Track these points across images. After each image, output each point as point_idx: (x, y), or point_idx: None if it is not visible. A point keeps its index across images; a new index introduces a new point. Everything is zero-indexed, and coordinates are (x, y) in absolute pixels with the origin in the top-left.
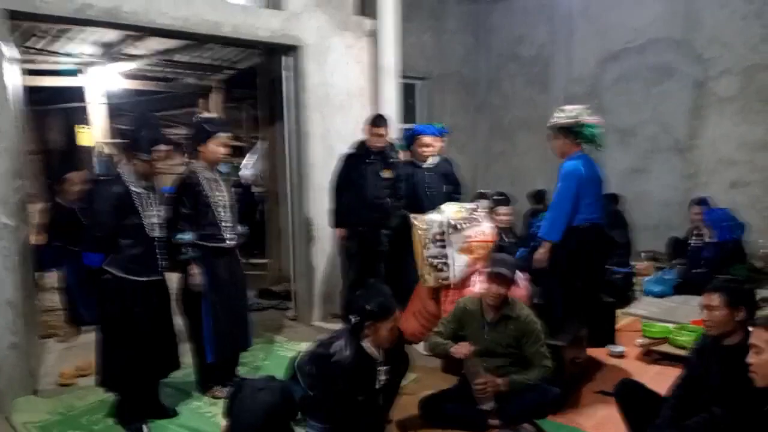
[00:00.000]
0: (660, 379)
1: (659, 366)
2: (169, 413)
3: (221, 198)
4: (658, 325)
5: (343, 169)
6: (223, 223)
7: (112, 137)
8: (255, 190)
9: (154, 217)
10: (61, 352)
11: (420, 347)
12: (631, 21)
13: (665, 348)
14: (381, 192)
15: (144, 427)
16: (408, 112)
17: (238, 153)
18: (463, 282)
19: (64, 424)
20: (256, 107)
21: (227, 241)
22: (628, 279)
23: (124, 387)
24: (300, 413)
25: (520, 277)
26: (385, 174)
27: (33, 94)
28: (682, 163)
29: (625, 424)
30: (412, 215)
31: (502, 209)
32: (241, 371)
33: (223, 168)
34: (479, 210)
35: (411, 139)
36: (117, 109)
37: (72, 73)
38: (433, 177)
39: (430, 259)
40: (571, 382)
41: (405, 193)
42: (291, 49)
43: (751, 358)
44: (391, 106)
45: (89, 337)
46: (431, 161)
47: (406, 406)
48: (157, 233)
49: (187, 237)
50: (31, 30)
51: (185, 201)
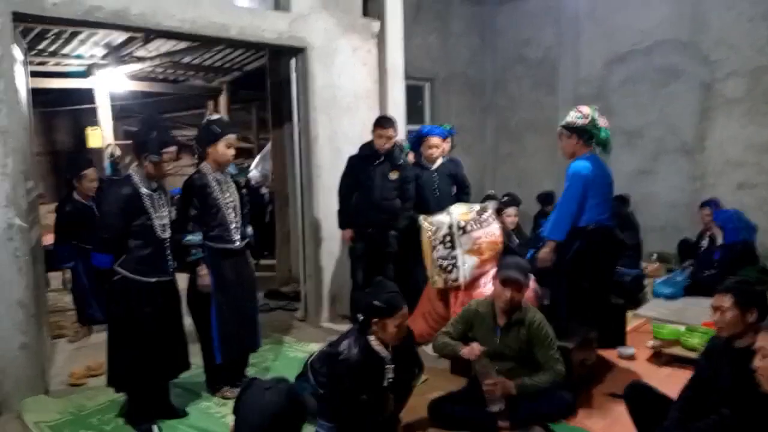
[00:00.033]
0: (670, 382)
1: (669, 368)
2: (179, 413)
3: (230, 199)
4: (668, 326)
5: (350, 170)
6: (231, 225)
7: (120, 138)
8: (263, 191)
9: (164, 218)
10: (71, 353)
11: (429, 348)
12: (638, 23)
13: (676, 350)
14: (389, 193)
15: (154, 427)
16: (416, 113)
17: (247, 155)
18: (472, 283)
19: (75, 424)
20: (264, 109)
21: (236, 243)
22: (638, 281)
23: (133, 387)
24: (310, 415)
25: (532, 279)
26: (393, 175)
27: (42, 96)
28: (689, 165)
29: (634, 427)
30: (420, 216)
31: (510, 210)
32: (250, 372)
33: (231, 169)
34: (487, 211)
35: (418, 140)
36: (125, 110)
37: (81, 74)
38: (440, 178)
39: (438, 260)
40: (580, 384)
41: (412, 195)
42: (298, 51)
43: (757, 362)
44: (397, 108)
45: (100, 338)
46: (438, 162)
47: (414, 408)
48: (167, 234)
49: (195, 238)
50: (40, 32)
51: (194, 202)
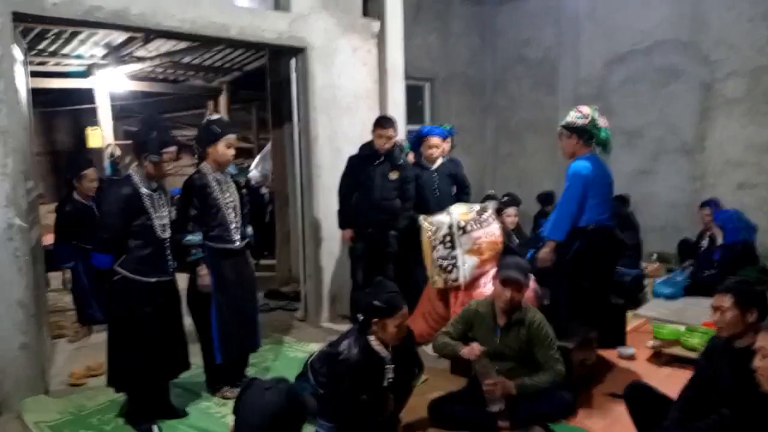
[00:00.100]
0: (670, 382)
1: (669, 368)
2: (179, 414)
3: (230, 199)
4: (668, 326)
5: (350, 170)
6: (231, 225)
7: (120, 138)
8: (264, 191)
9: (164, 218)
10: (71, 353)
11: (429, 348)
12: (638, 23)
13: (676, 350)
14: (389, 193)
15: (154, 427)
16: (416, 113)
17: (247, 155)
18: (472, 283)
19: (75, 424)
20: (264, 109)
21: (236, 243)
22: (639, 280)
23: (133, 387)
24: (310, 415)
25: (532, 279)
26: (393, 175)
27: (42, 96)
28: (689, 165)
29: (634, 427)
30: (420, 216)
31: (510, 210)
32: (250, 372)
33: (232, 169)
34: (487, 211)
35: (418, 140)
36: (125, 110)
37: (81, 74)
38: (440, 178)
39: (438, 260)
40: (580, 383)
41: (412, 195)
42: (298, 51)
43: (757, 362)
44: (397, 108)
45: (100, 338)
46: (438, 162)
47: (414, 408)
48: (167, 234)
49: (195, 238)
50: (40, 32)
51: (194, 202)
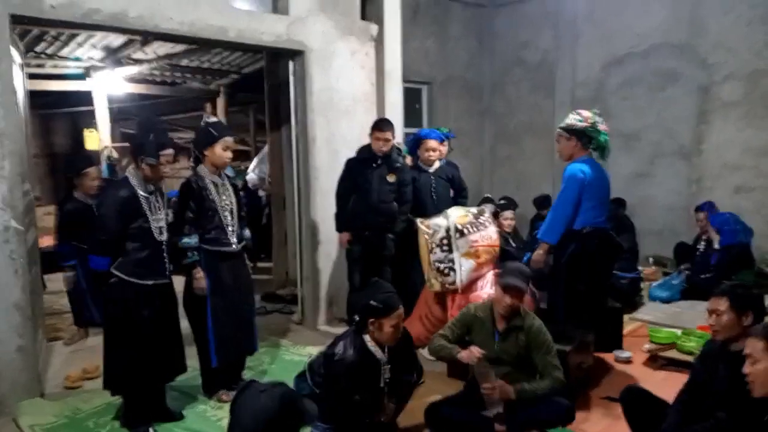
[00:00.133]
0: (666, 385)
1: (666, 372)
2: (175, 416)
3: (227, 202)
4: (664, 330)
5: (348, 173)
6: (228, 227)
7: (117, 141)
8: (261, 194)
9: (161, 220)
10: (67, 355)
11: (425, 352)
12: (636, 26)
13: (672, 354)
14: (386, 196)
15: (150, 430)
16: (414, 117)
17: (244, 157)
18: (469, 286)
19: (70, 427)
20: (262, 111)
21: (233, 245)
22: (635, 284)
23: (129, 390)
24: (308, 418)
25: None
26: (390, 178)
27: (40, 98)
28: (686, 168)
29: (630, 431)
30: (418, 219)
31: (507, 214)
32: (247, 375)
33: (229, 172)
34: (484, 214)
35: (416, 143)
36: (122, 113)
37: (79, 77)
38: (437, 181)
39: (436, 263)
40: (577, 387)
41: (410, 198)
42: (296, 54)
43: (747, 368)
44: (395, 111)
45: (96, 340)
46: (436, 165)
47: (411, 411)
48: (164, 237)
49: (192, 241)
50: (38, 34)
51: (191, 205)
